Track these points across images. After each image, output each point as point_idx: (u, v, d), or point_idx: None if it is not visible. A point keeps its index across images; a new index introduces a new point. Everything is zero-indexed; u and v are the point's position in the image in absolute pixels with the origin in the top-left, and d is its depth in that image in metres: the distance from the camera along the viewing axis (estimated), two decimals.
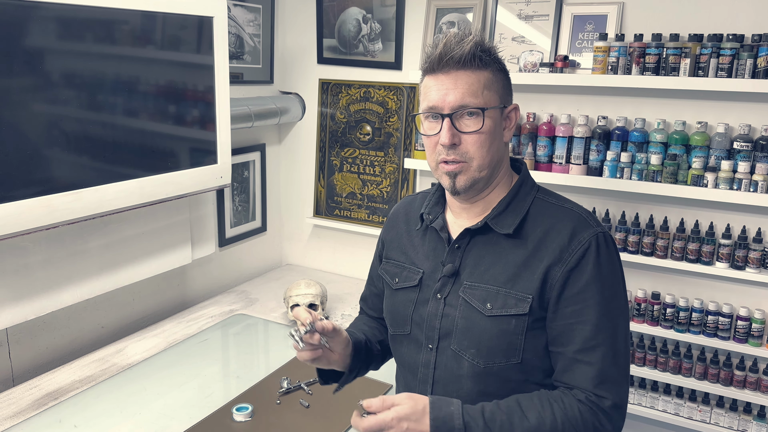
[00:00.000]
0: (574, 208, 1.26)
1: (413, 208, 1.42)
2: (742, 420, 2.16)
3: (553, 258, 1.19)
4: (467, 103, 1.18)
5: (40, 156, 1.67)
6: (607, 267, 1.20)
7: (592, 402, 1.15)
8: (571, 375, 1.18)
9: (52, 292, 1.92)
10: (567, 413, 1.14)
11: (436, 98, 1.20)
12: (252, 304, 2.52)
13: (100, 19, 1.76)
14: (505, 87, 1.24)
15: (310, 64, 2.83)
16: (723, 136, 2.04)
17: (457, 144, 1.19)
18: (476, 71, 1.19)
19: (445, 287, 1.27)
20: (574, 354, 1.17)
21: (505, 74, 1.25)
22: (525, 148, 2.28)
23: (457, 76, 1.18)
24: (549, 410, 1.15)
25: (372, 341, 1.44)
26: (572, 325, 1.18)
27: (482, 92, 1.18)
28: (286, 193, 3.04)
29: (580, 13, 2.26)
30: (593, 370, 1.16)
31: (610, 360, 1.16)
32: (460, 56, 1.17)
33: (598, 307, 1.17)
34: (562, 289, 1.18)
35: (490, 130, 1.20)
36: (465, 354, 1.23)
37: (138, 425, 1.68)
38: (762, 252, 2.03)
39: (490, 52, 1.21)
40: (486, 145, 1.20)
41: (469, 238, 1.27)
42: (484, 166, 1.21)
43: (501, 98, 1.22)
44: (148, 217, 2.18)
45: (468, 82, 1.18)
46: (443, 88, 1.19)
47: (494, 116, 1.21)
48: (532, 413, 1.14)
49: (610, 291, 1.19)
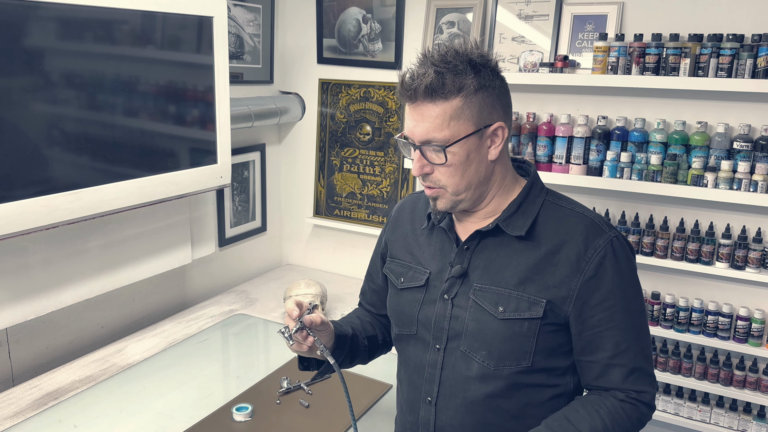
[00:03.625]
0: (586, 212, 1.25)
1: (418, 207, 1.41)
2: (742, 420, 2.16)
3: (570, 267, 1.19)
4: (431, 138, 1.16)
5: (40, 156, 1.67)
6: (627, 271, 1.22)
7: (633, 399, 1.20)
8: (607, 379, 1.21)
9: (52, 292, 1.92)
10: (613, 415, 1.18)
11: (408, 128, 1.20)
12: (252, 304, 2.52)
13: (100, 19, 1.76)
14: (485, 106, 1.17)
15: (310, 64, 2.83)
16: (723, 136, 2.04)
17: (429, 173, 1.21)
18: (440, 102, 1.14)
19: (453, 288, 1.27)
20: (608, 360, 1.20)
21: (488, 90, 1.17)
22: (525, 148, 2.29)
23: (423, 109, 1.16)
24: (598, 417, 1.18)
25: (359, 336, 1.43)
26: (601, 332, 1.20)
27: (449, 124, 1.15)
28: (286, 193, 3.04)
29: (580, 13, 2.26)
30: (628, 370, 1.20)
31: (642, 356, 1.21)
32: (424, 88, 1.14)
33: (624, 312, 1.20)
34: (584, 299, 1.19)
35: (460, 161, 1.18)
36: (475, 356, 1.23)
37: (138, 425, 1.68)
38: (762, 252, 2.03)
39: (463, 73, 1.14)
40: (457, 174, 1.19)
41: (479, 239, 1.27)
42: (459, 191, 1.21)
43: (477, 122, 1.16)
44: (148, 217, 2.18)
45: (432, 116, 1.15)
46: (412, 120, 1.18)
47: (466, 145, 1.17)
48: (584, 425, 1.17)
49: (632, 292, 1.22)
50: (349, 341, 1.39)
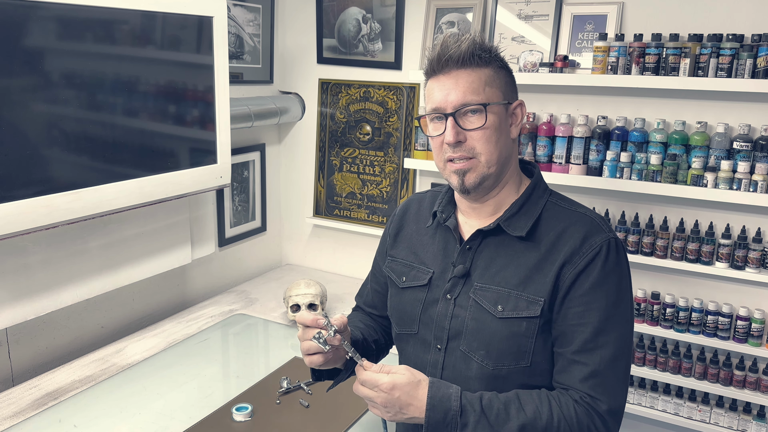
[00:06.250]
0: (587, 212, 1.26)
1: (423, 206, 1.42)
2: (742, 420, 2.16)
3: (564, 259, 1.19)
4: (469, 101, 1.18)
5: (40, 156, 1.67)
6: (615, 272, 1.19)
7: (587, 403, 1.16)
8: (567, 375, 1.19)
9: (52, 292, 1.92)
10: (563, 411, 1.15)
11: (438, 99, 1.20)
12: (252, 304, 2.53)
13: (100, 19, 1.76)
14: (508, 84, 1.24)
15: (309, 64, 2.83)
16: (723, 136, 2.04)
17: (462, 141, 1.20)
18: (476, 69, 1.19)
19: (456, 288, 1.27)
20: (572, 355, 1.18)
21: (507, 72, 1.25)
22: (525, 147, 2.28)
23: (457, 75, 1.19)
24: (546, 406, 1.16)
25: (368, 340, 1.43)
26: (574, 326, 1.18)
27: (484, 89, 1.19)
28: (285, 193, 3.04)
29: (580, 13, 2.26)
30: (589, 372, 1.16)
31: (607, 364, 1.16)
32: (458, 55, 1.18)
33: (602, 311, 1.17)
34: (568, 290, 1.18)
35: (495, 126, 1.20)
36: (474, 355, 1.23)
37: (138, 425, 1.68)
38: (761, 252, 2.03)
39: (489, 50, 1.21)
40: (492, 140, 1.20)
41: (481, 239, 1.27)
42: (492, 161, 1.21)
43: (504, 95, 1.22)
44: (148, 217, 2.18)
45: (468, 80, 1.19)
46: (445, 89, 1.20)
47: (498, 112, 1.21)
48: (530, 406, 1.15)
49: (616, 296, 1.19)
50: (361, 346, 1.40)
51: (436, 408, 1.14)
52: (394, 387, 1.14)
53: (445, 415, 1.14)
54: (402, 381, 1.14)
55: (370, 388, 1.16)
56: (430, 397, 1.14)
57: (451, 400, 1.14)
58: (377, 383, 1.14)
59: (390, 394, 1.14)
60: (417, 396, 1.14)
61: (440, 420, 1.14)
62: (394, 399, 1.14)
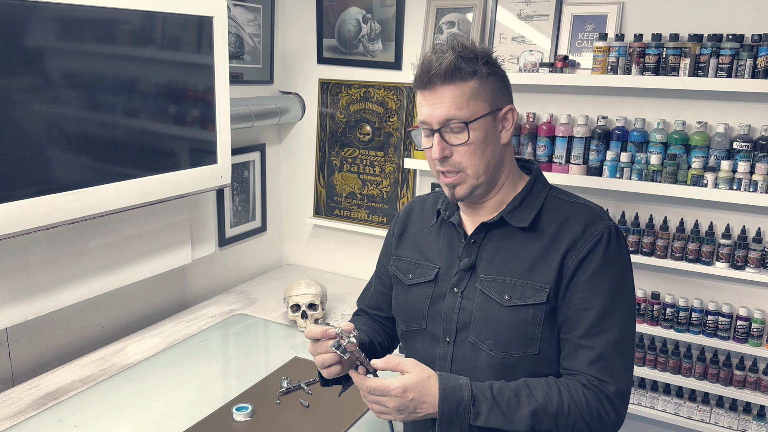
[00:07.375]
0: (587, 203, 1.29)
1: (426, 207, 1.45)
2: (742, 420, 2.16)
3: (567, 247, 1.22)
4: (453, 117, 1.20)
5: (41, 156, 1.67)
6: (616, 258, 1.22)
7: (595, 386, 1.18)
8: (573, 360, 1.21)
9: (52, 292, 1.92)
10: (572, 395, 1.17)
11: (425, 114, 1.23)
12: (252, 304, 2.53)
13: (100, 19, 1.76)
14: (497, 90, 1.24)
15: (310, 64, 2.83)
16: (723, 136, 2.04)
17: (448, 156, 1.23)
18: (460, 84, 1.20)
19: (462, 281, 1.29)
20: (578, 340, 1.20)
21: (497, 77, 1.25)
22: (525, 148, 2.29)
23: (442, 91, 1.21)
24: (556, 391, 1.17)
25: (374, 342, 1.45)
26: (579, 312, 1.20)
27: (468, 103, 1.20)
28: (286, 193, 3.04)
29: (580, 13, 2.26)
30: (595, 355, 1.18)
31: (613, 346, 1.19)
32: (441, 72, 1.19)
33: (605, 295, 1.19)
34: (572, 276, 1.21)
35: (480, 140, 1.22)
36: (483, 345, 1.25)
37: (138, 425, 1.68)
38: (761, 252, 2.03)
39: (475, 59, 1.20)
40: (477, 153, 1.22)
41: (485, 232, 1.30)
42: (479, 173, 1.23)
43: (491, 103, 1.23)
44: (148, 217, 2.18)
45: (452, 96, 1.20)
46: (430, 104, 1.22)
47: (484, 124, 1.22)
48: (539, 392, 1.17)
49: (618, 281, 1.21)
50: (368, 349, 1.41)
51: (448, 399, 1.15)
52: (406, 389, 1.14)
53: (458, 405, 1.15)
54: (413, 381, 1.15)
55: (380, 395, 1.16)
56: (441, 389, 1.15)
57: (463, 390, 1.16)
58: (388, 389, 1.14)
59: (403, 397, 1.14)
60: (429, 392, 1.15)
61: (453, 411, 1.15)
62: (407, 401, 1.14)
